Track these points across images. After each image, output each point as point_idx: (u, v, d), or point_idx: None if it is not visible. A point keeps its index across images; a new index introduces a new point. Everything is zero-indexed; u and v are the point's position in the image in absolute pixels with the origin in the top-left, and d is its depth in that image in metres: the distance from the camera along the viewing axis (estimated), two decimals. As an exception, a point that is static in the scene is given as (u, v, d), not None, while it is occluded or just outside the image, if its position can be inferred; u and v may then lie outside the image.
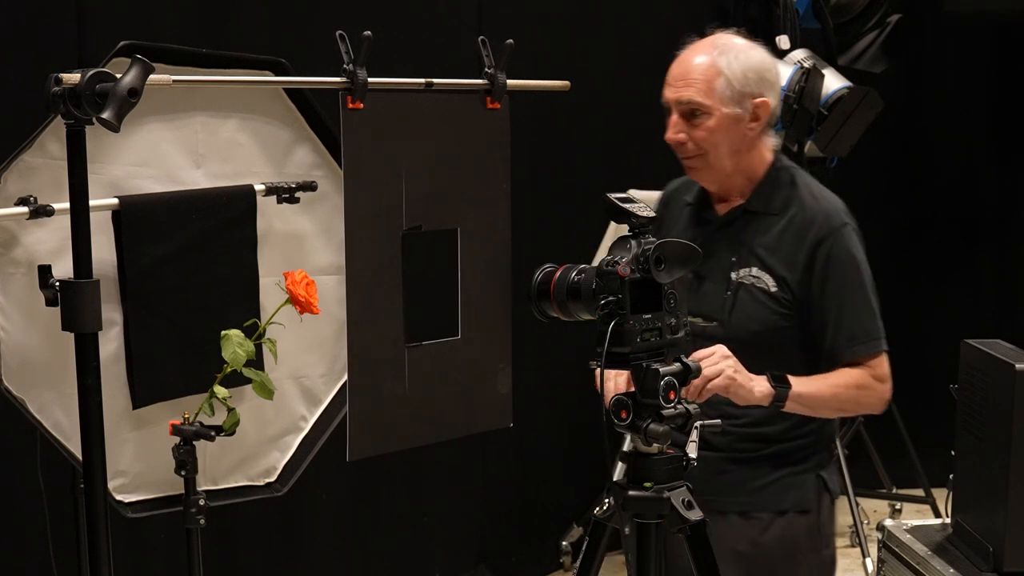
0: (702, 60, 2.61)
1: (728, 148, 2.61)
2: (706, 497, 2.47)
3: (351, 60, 2.39)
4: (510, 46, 2.63)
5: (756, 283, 2.59)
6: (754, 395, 2.46)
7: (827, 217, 2.60)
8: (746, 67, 2.59)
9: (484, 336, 2.67)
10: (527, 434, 3.98)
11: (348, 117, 2.40)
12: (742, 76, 2.58)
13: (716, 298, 2.61)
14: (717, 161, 2.62)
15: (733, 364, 2.44)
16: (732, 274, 2.62)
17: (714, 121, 2.60)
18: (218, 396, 2.69)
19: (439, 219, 2.59)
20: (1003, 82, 5.92)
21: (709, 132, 2.60)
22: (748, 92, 2.59)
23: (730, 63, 2.58)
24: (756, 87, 2.59)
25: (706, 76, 2.60)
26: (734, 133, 2.60)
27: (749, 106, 2.59)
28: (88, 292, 2.16)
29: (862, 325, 2.57)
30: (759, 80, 2.60)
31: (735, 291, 2.60)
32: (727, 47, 2.61)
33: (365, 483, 4.17)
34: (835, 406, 2.63)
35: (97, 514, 2.21)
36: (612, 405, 2.25)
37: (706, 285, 2.63)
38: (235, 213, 2.90)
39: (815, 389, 2.55)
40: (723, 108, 2.59)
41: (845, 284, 2.57)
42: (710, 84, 2.59)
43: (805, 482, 2.66)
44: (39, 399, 2.68)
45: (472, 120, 2.63)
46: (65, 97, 2.07)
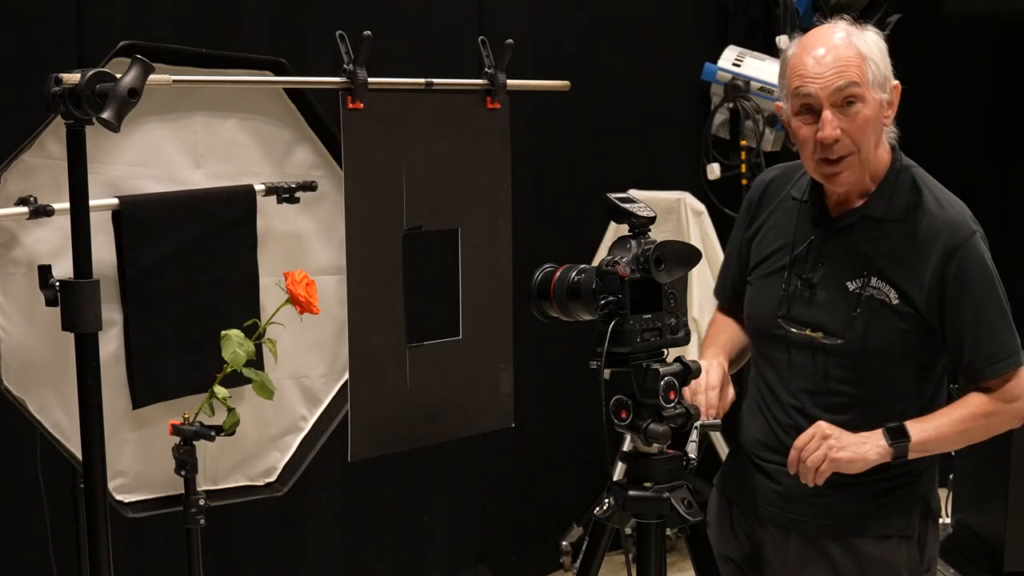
0: (844, 47, 2.36)
1: (875, 141, 2.39)
2: (796, 518, 2.47)
3: (351, 60, 2.39)
4: (510, 46, 2.63)
5: (877, 295, 2.39)
6: (869, 461, 2.32)
7: (955, 227, 2.38)
8: (881, 49, 2.39)
9: (485, 336, 2.67)
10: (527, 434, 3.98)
11: (348, 117, 2.40)
12: (882, 58, 2.38)
13: (840, 312, 2.40)
14: (867, 157, 2.39)
15: (834, 442, 2.31)
16: (852, 284, 2.41)
17: (870, 109, 2.36)
18: (218, 396, 2.69)
19: (440, 219, 2.59)
20: (1003, 82, 5.92)
21: (865, 123, 2.36)
22: (888, 75, 2.40)
23: (868, 46, 2.37)
24: (890, 70, 2.41)
25: (856, 61, 2.35)
26: (878, 123, 2.39)
27: (890, 90, 2.40)
28: (88, 292, 2.16)
29: (1000, 341, 2.37)
30: (888, 63, 2.40)
31: (860, 306, 2.39)
32: (853, 32, 2.38)
33: (365, 483, 4.17)
34: (964, 440, 2.42)
35: (97, 514, 2.21)
36: (612, 405, 2.25)
37: (821, 296, 2.44)
38: (235, 213, 2.90)
39: (937, 432, 2.37)
40: (875, 94, 2.36)
41: (979, 299, 2.37)
42: (861, 70, 2.35)
43: (910, 507, 2.47)
44: (39, 399, 2.68)
45: (472, 120, 2.63)
46: (65, 97, 2.07)
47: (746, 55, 4.79)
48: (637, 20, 4.97)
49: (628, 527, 2.30)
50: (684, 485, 2.29)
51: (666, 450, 2.27)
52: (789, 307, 2.45)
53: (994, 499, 2.93)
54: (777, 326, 2.46)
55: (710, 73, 4.81)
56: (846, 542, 2.45)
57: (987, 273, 2.38)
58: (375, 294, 2.47)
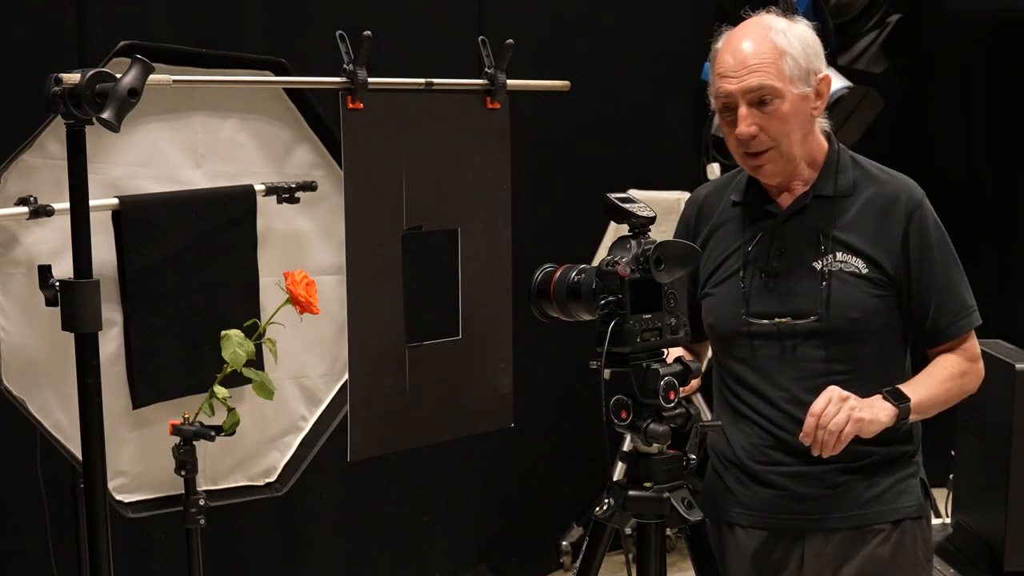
0: (760, 42, 2.40)
1: (800, 133, 2.42)
2: (814, 516, 2.44)
3: (351, 60, 2.39)
4: (510, 46, 2.63)
5: (845, 267, 2.41)
6: (882, 422, 2.32)
7: (909, 190, 2.45)
8: (803, 42, 2.41)
9: (485, 336, 2.67)
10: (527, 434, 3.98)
11: (348, 117, 2.40)
12: (803, 52, 2.40)
13: (807, 292, 2.42)
14: (789, 150, 2.42)
15: (854, 403, 2.30)
16: (818, 263, 2.42)
17: (788, 105, 2.38)
18: (218, 396, 2.69)
19: (439, 219, 2.59)
20: (1003, 82, 5.92)
21: (783, 118, 2.39)
22: (812, 68, 2.41)
23: (789, 41, 2.39)
24: (816, 61, 2.42)
25: (771, 58, 2.38)
26: (803, 115, 2.41)
27: (814, 82, 2.41)
28: (88, 292, 2.16)
29: (963, 299, 2.45)
30: (816, 54, 2.43)
31: (828, 280, 2.41)
32: (775, 26, 2.42)
33: (365, 483, 4.18)
34: (945, 402, 2.46)
35: (97, 514, 2.21)
36: (612, 405, 2.25)
37: (786, 282, 2.45)
38: (235, 213, 2.90)
39: (928, 393, 2.40)
40: (794, 89, 2.38)
41: (942, 257, 2.43)
42: (777, 66, 2.38)
43: (913, 486, 2.49)
44: (39, 399, 2.68)
45: (472, 120, 2.63)
46: (65, 97, 2.07)
47: (746, 55, 4.78)
48: (637, 20, 4.97)
49: (628, 527, 2.30)
50: (684, 485, 2.29)
51: (666, 450, 2.27)
52: (748, 304, 2.44)
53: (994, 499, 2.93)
54: (743, 323, 2.45)
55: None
56: (863, 530, 2.43)
57: (942, 232, 2.45)
58: (375, 294, 2.47)
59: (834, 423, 2.27)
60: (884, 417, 2.32)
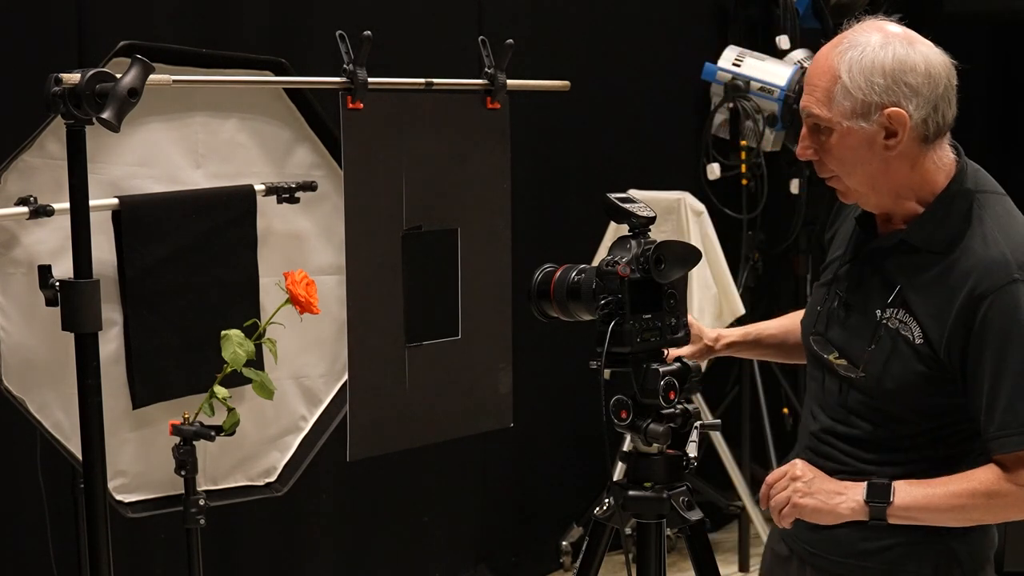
0: (823, 60, 2.13)
1: (864, 172, 2.13)
2: (812, 550, 2.28)
3: (351, 60, 2.39)
4: (510, 46, 2.63)
5: (901, 330, 2.13)
6: (840, 515, 2.13)
7: (991, 269, 2.05)
8: (871, 69, 2.07)
9: (484, 336, 2.67)
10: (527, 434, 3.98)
11: (348, 117, 2.41)
12: (865, 82, 2.07)
13: (862, 341, 2.17)
14: (857, 186, 2.15)
15: (803, 486, 2.14)
16: (879, 313, 2.16)
17: (836, 138, 2.11)
18: (218, 396, 2.69)
19: (439, 219, 2.59)
20: (1002, 82, 5.92)
21: (834, 151, 2.13)
22: (874, 101, 2.07)
23: (851, 66, 2.08)
24: (885, 95, 2.06)
25: (824, 83, 2.11)
26: (866, 153, 2.10)
27: (880, 119, 2.07)
28: (88, 292, 2.16)
29: (1016, 412, 2.04)
30: (890, 86, 2.07)
31: (881, 339, 2.15)
32: (855, 43, 2.10)
33: (365, 483, 4.17)
34: (961, 517, 2.14)
35: (97, 514, 2.21)
36: (612, 405, 2.24)
37: (853, 319, 2.21)
38: (235, 213, 2.90)
39: (926, 500, 2.11)
40: (844, 122, 2.09)
41: (1003, 358, 2.05)
42: (829, 93, 2.10)
43: (926, 553, 2.18)
44: (39, 399, 2.68)
45: (472, 120, 2.63)
46: (65, 97, 2.07)
47: (746, 55, 4.79)
48: (637, 20, 4.97)
49: (628, 527, 2.30)
50: (684, 485, 2.29)
51: (666, 450, 2.27)
52: (827, 325, 2.26)
53: (994, 499, 2.94)
54: (811, 342, 2.30)
55: (710, 73, 4.81)
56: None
57: (1015, 327, 2.04)
58: (374, 294, 2.47)
59: (775, 500, 2.17)
60: (844, 510, 2.13)
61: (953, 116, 2.15)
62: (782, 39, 4.89)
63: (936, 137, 2.13)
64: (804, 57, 4.84)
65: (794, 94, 4.62)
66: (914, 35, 2.16)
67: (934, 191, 2.15)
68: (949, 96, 2.12)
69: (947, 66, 2.13)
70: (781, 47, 4.88)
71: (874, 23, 2.16)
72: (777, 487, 2.18)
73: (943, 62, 2.13)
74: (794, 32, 4.94)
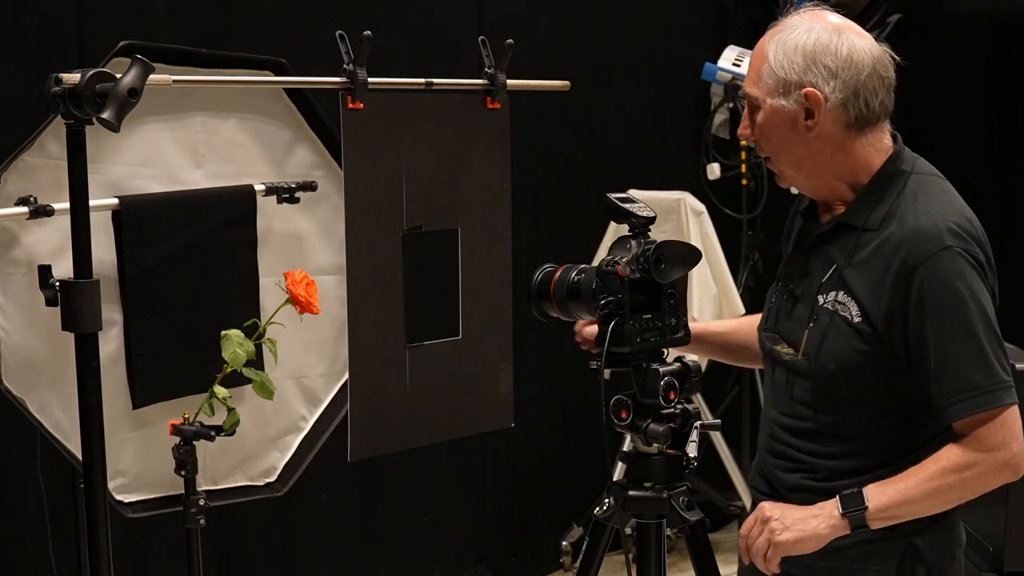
0: (761, 43, 2.18)
1: (790, 153, 2.17)
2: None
3: (351, 60, 2.39)
4: (510, 46, 2.63)
5: (840, 310, 2.13)
6: (822, 537, 2.08)
7: (922, 238, 2.06)
8: (792, 49, 2.12)
9: (485, 336, 2.67)
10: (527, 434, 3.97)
11: (348, 117, 2.41)
12: (787, 61, 2.12)
13: (801, 325, 2.19)
14: (784, 168, 2.21)
15: (776, 524, 2.10)
16: (819, 297, 2.17)
17: (763, 116, 2.16)
18: (218, 396, 2.69)
19: (439, 219, 2.59)
20: (1003, 82, 5.92)
21: (762, 129, 2.18)
22: (793, 80, 2.12)
23: (776, 46, 2.14)
24: (804, 75, 2.11)
25: (757, 62, 2.17)
26: (789, 133, 2.15)
27: (798, 98, 2.12)
28: (88, 292, 2.16)
29: (966, 376, 2.03)
30: (808, 66, 2.11)
31: (818, 318, 2.15)
32: (787, 26, 2.15)
33: (365, 483, 4.18)
34: (940, 502, 2.09)
35: (97, 514, 2.21)
36: (612, 405, 2.25)
37: (798, 308, 2.22)
38: (235, 213, 2.90)
39: (901, 496, 2.06)
40: (768, 99, 2.15)
41: (943, 325, 2.04)
42: (759, 71, 2.16)
43: (889, 550, 2.15)
44: (39, 399, 2.68)
45: (472, 120, 2.63)
46: (65, 97, 2.07)
47: (746, 55, 4.79)
48: (637, 20, 4.97)
49: (628, 527, 2.30)
50: (684, 485, 2.29)
51: (666, 450, 2.27)
52: (776, 320, 2.28)
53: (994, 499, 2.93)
54: (763, 339, 2.33)
55: (710, 73, 4.81)
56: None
57: (955, 295, 2.04)
58: (375, 294, 2.48)
59: (755, 549, 2.12)
60: (825, 530, 2.07)
61: (884, 107, 2.18)
62: (782, 39, 4.89)
63: (865, 124, 2.16)
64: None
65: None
66: (849, 25, 2.18)
67: (869, 172, 2.18)
68: (874, 85, 2.15)
69: (876, 57, 2.16)
70: (781, 47, 4.88)
71: (815, 12, 2.19)
72: (752, 535, 2.13)
73: (871, 52, 2.15)
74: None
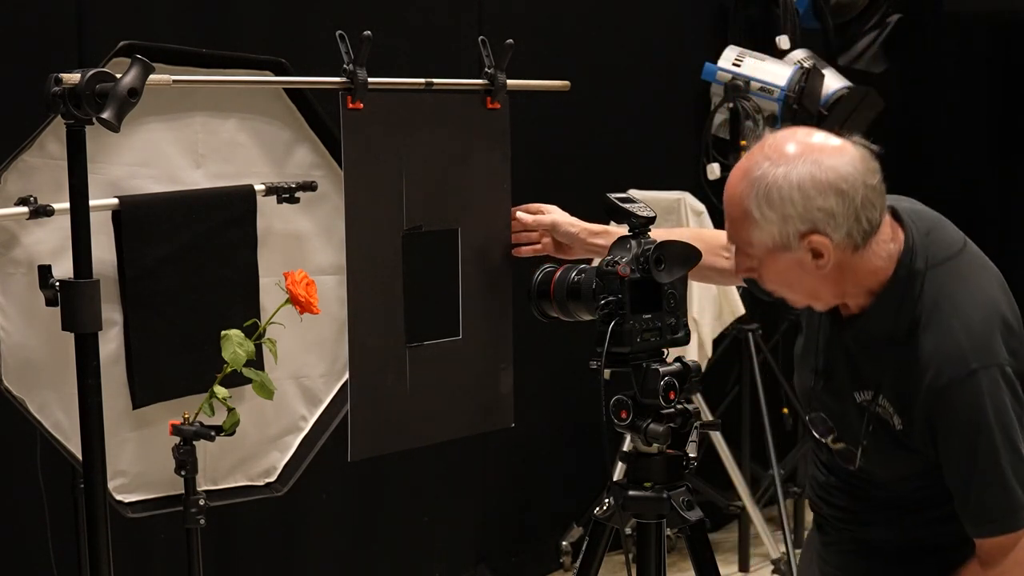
0: (736, 190, 2.05)
1: (802, 288, 2.09)
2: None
3: (351, 60, 2.39)
4: (510, 46, 2.62)
5: (882, 414, 2.09)
6: None
7: (945, 363, 1.99)
8: (780, 201, 1.99)
9: (485, 336, 2.67)
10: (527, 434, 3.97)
11: (348, 117, 2.40)
12: (775, 215, 2.00)
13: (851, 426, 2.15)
14: (798, 299, 2.14)
15: None
16: (859, 396, 2.13)
17: (764, 266, 2.08)
18: (218, 396, 2.69)
19: (439, 219, 2.59)
20: (1003, 82, 5.92)
21: (765, 275, 2.10)
22: (791, 232, 2.00)
23: (760, 202, 2.01)
24: (801, 223, 2.00)
25: (738, 215, 2.05)
26: (798, 273, 2.06)
27: (802, 245, 2.01)
28: (88, 292, 2.16)
29: (988, 504, 2.01)
30: (803, 214, 1.99)
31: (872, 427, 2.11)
32: (762, 174, 2.01)
33: (365, 483, 4.18)
34: None
35: (97, 514, 2.21)
36: (612, 405, 2.25)
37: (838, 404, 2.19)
38: (235, 213, 2.90)
39: None
40: (767, 256, 2.06)
41: (969, 451, 2.00)
42: (744, 228, 2.05)
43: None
44: (39, 399, 2.67)
45: (472, 120, 2.62)
46: (65, 97, 2.07)
47: (746, 55, 4.79)
48: (637, 20, 4.97)
49: (628, 527, 2.30)
50: (684, 485, 2.29)
51: (666, 450, 2.27)
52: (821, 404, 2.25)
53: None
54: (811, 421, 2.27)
55: (710, 73, 4.81)
56: None
57: (980, 424, 1.99)
58: (375, 294, 2.47)
59: None
60: None
61: (882, 211, 2.05)
62: (782, 39, 4.89)
63: (869, 238, 2.04)
64: (804, 57, 4.84)
65: (794, 94, 4.62)
66: (824, 144, 2.05)
67: (882, 280, 2.08)
68: (871, 199, 2.03)
69: (863, 170, 2.03)
70: (781, 47, 4.89)
71: (784, 136, 2.07)
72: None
73: (857, 167, 2.02)
74: (794, 32, 4.95)
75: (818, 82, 4.63)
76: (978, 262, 2.13)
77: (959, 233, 2.15)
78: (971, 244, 2.15)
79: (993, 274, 2.13)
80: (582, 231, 2.54)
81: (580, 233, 2.54)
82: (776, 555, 4.50)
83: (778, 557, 4.49)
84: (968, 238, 2.16)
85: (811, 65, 4.72)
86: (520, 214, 2.57)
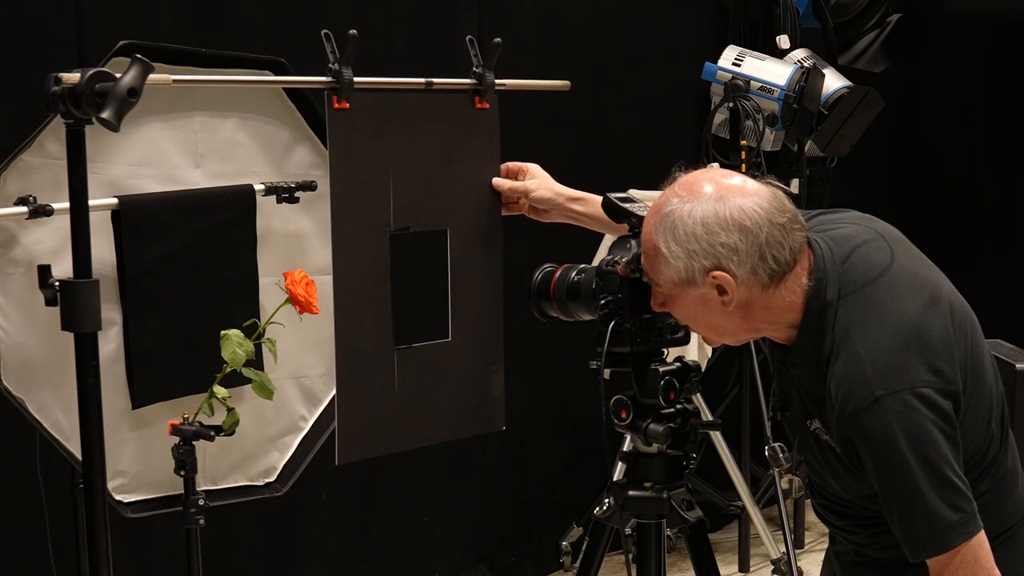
0: (648, 226, 2.12)
1: (710, 325, 2.13)
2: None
3: (336, 59, 2.38)
4: (498, 45, 2.61)
5: (829, 440, 2.09)
6: None
7: (850, 393, 2.00)
8: (684, 238, 2.03)
9: (475, 338, 2.65)
10: (526, 434, 3.99)
11: (334, 117, 2.39)
12: (680, 250, 2.04)
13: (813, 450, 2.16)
14: (707, 335, 2.18)
15: None
16: (809, 423, 2.14)
17: (672, 300, 2.12)
18: (218, 396, 2.69)
19: (428, 220, 2.57)
20: (1003, 82, 5.92)
21: (673, 308, 2.14)
22: (695, 267, 2.03)
23: (666, 237, 2.05)
24: (705, 259, 2.02)
25: (650, 249, 2.10)
26: (703, 310, 2.09)
27: (707, 281, 2.04)
28: (88, 292, 2.16)
29: (913, 527, 2.01)
30: (706, 249, 2.02)
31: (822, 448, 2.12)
32: (670, 212, 2.07)
33: (365, 483, 4.17)
34: None
35: (97, 514, 2.21)
36: (612, 405, 2.25)
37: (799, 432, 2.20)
38: (235, 213, 2.90)
39: None
40: (675, 291, 2.09)
41: (885, 479, 2.01)
42: (655, 262, 2.09)
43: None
44: (39, 399, 2.67)
45: (460, 120, 2.61)
46: (65, 97, 2.07)
47: (746, 55, 4.79)
48: (637, 20, 4.97)
49: (628, 527, 2.30)
50: (684, 485, 2.29)
51: (666, 450, 2.27)
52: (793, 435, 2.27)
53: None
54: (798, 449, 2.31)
55: (710, 73, 4.81)
56: None
57: (891, 452, 1.97)
58: (362, 296, 2.46)
59: None
60: None
61: (792, 252, 2.04)
62: (782, 39, 4.89)
63: (780, 277, 2.04)
64: (804, 57, 4.84)
65: (794, 94, 4.62)
66: (732, 184, 2.07)
67: (796, 314, 2.08)
68: (778, 237, 2.02)
69: (769, 209, 2.02)
70: (781, 47, 4.88)
71: (696, 175, 2.12)
72: None
73: (763, 206, 2.02)
74: (794, 32, 4.95)
75: (818, 82, 4.63)
76: (903, 281, 2.08)
77: (885, 253, 2.11)
78: (900, 261, 2.11)
79: (924, 291, 2.08)
80: (559, 196, 2.62)
81: (556, 199, 2.63)
82: (776, 555, 4.50)
83: (778, 557, 4.48)
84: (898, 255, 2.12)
85: (811, 65, 4.72)
86: (496, 180, 2.61)
